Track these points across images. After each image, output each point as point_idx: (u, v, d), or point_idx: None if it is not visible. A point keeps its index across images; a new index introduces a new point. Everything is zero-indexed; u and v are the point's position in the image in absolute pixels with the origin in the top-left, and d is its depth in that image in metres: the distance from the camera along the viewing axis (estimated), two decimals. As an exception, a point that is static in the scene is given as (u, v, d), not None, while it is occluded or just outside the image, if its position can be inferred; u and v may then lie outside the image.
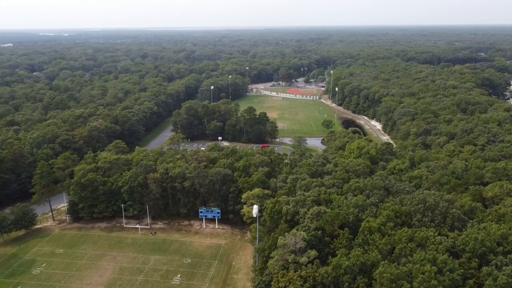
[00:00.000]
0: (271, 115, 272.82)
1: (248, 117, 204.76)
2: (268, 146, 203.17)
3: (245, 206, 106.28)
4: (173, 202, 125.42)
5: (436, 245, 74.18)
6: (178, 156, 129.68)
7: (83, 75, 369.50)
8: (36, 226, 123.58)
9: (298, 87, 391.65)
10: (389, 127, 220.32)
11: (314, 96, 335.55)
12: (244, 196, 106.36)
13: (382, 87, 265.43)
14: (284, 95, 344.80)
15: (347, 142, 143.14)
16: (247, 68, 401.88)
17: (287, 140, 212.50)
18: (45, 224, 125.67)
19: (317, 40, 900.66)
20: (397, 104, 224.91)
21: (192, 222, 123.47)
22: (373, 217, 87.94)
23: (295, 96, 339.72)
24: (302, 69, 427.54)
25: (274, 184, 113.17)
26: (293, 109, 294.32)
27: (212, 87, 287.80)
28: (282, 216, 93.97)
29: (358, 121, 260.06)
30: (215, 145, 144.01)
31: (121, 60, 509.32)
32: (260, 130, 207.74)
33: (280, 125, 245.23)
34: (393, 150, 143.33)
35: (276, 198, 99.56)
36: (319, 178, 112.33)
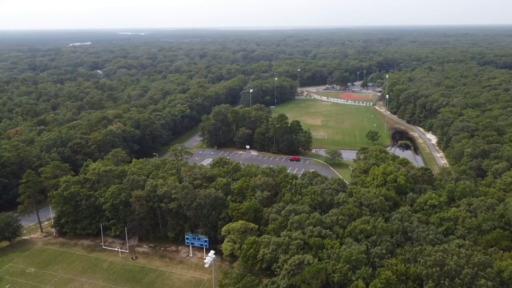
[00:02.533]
0: (314, 122, 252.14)
1: (279, 125, 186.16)
2: (299, 159, 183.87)
3: (225, 240, 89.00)
4: (163, 223, 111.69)
5: None
6: (172, 171, 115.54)
7: (135, 74, 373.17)
8: (23, 237, 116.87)
9: (353, 91, 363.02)
10: (443, 143, 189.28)
11: (368, 102, 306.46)
12: (224, 229, 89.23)
13: (443, 95, 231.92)
14: (335, 100, 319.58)
15: (374, 164, 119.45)
16: (299, 70, 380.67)
17: (323, 152, 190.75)
18: (32, 236, 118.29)
19: (386, 40, 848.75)
20: (456, 116, 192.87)
21: (179, 248, 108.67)
22: (368, 278, 66.48)
23: (347, 101, 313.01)
24: (358, 72, 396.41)
25: (268, 215, 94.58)
26: (341, 116, 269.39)
27: (251, 90, 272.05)
28: (258, 262, 75.55)
29: (411, 133, 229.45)
30: (220, 159, 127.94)
31: (178, 60, 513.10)
32: (291, 140, 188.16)
33: (320, 134, 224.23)
34: (433, 176, 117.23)
35: (254, 237, 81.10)
36: (321, 212, 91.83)
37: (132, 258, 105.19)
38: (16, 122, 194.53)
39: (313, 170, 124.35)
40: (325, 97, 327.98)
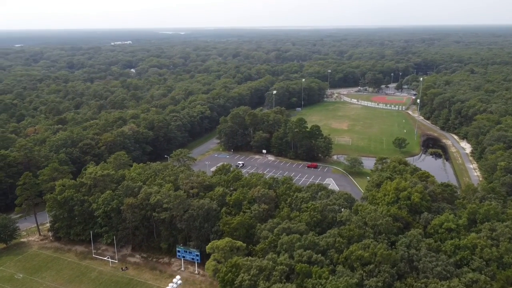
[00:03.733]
0: (340, 126, 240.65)
1: (297, 129, 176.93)
2: (317, 166, 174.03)
3: (210, 259, 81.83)
4: (158, 233, 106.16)
5: None
6: (170, 178, 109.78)
7: (164, 73, 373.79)
8: (22, 240, 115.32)
9: (386, 94, 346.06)
10: (477, 154, 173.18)
11: (401, 106, 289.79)
12: (208, 246, 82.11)
13: (481, 101, 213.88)
14: (365, 103, 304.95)
15: (388, 178, 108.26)
16: (329, 71, 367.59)
17: (345, 159, 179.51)
18: (30, 239, 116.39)
19: (429, 40, 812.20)
20: (493, 124, 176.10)
21: (172, 260, 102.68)
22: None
23: (378, 104, 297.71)
24: (392, 74, 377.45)
25: (261, 232, 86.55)
26: (369, 120, 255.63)
27: (275, 92, 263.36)
28: (236, 288, 67.95)
29: (444, 140, 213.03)
30: (222, 166, 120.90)
31: (210, 59, 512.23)
32: (310, 145, 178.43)
33: (344, 139, 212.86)
34: (455, 194, 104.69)
35: (235, 259, 73.39)
36: (320, 231, 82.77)
37: (122, 268, 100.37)
38: (37, 121, 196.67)
39: (318, 182, 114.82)
40: (355, 100, 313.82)
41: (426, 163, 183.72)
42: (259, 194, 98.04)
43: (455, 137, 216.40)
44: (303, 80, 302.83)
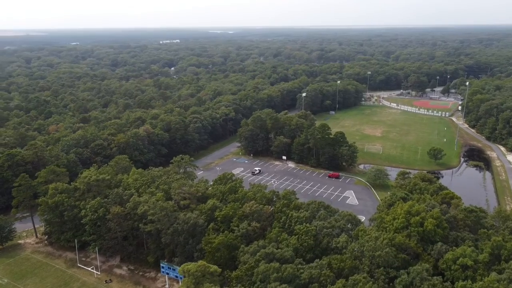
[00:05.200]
0: (373, 132, 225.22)
1: (319, 136, 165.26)
2: (339, 176, 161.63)
3: (181, 284, 73.80)
4: (147, 245, 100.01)
5: None
6: (164, 187, 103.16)
7: (199, 73, 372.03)
8: (19, 241, 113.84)
9: (430, 98, 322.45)
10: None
11: (445, 112, 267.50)
12: (179, 269, 74.14)
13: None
14: (405, 107, 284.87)
15: (402, 198, 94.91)
16: (369, 72, 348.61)
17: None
18: (27, 241, 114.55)
19: (487, 41, 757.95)
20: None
21: (158, 276, 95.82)
22: None
23: (419, 110, 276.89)
24: (438, 77, 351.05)
25: (242, 256, 77.42)
26: (406, 127, 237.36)
27: (304, 94, 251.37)
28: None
29: (488, 152, 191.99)
30: (223, 176, 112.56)
31: (250, 58, 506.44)
32: (333, 153, 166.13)
33: (375, 147, 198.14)
34: (482, 221, 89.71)
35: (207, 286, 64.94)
36: (311, 258, 72.34)
37: (106, 281, 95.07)
38: (63, 118, 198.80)
39: (336, 194, 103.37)
40: (395, 104, 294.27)
41: (464, 177, 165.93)
42: (251, 210, 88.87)
43: (502, 149, 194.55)
44: (338, 82, 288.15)
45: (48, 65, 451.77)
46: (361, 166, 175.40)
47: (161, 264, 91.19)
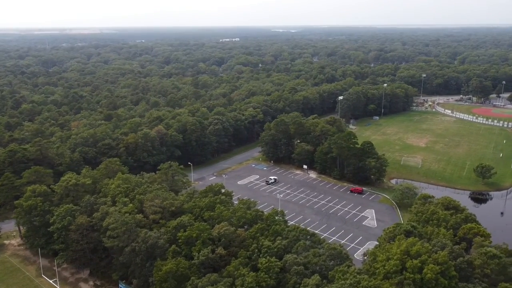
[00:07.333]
0: (417, 142, 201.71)
1: (344, 145, 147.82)
2: (362, 191, 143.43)
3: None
4: (113, 261, 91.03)
5: None
6: (140, 197, 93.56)
7: (243, 71, 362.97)
8: (5, 241, 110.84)
9: (494, 105, 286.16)
10: None
11: (508, 123, 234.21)
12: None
13: None
14: (461, 115, 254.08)
15: (406, 232, 76.72)
16: (424, 75, 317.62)
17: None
18: (11, 242, 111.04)
19: None
20: None
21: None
22: None
23: (477, 118, 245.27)
24: (504, 82, 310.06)
25: (191, 289, 65.21)
26: (458, 137, 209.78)
27: (341, 97, 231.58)
28: None
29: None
30: (210, 188, 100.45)
31: (301, 58, 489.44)
32: (358, 165, 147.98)
33: (414, 159, 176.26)
34: (509, 269, 69.56)
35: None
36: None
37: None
38: (89, 114, 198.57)
39: (354, 212, 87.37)
40: (449, 111, 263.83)
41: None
42: (219, 233, 76.28)
43: None
44: (385, 85, 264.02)
45: (104, 62, 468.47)
46: (393, 181, 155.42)
47: (120, 285, 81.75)
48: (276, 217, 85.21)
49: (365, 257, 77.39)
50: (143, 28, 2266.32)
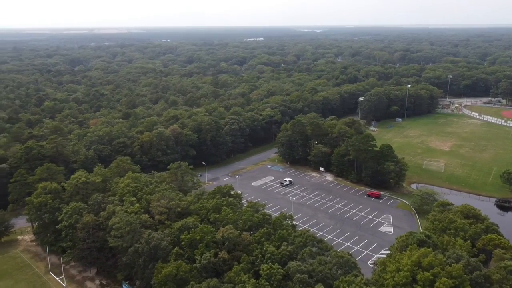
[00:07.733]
0: (440, 146, 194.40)
1: (362, 147, 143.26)
2: (379, 195, 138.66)
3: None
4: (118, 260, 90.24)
5: None
6: (147, 197, 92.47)
7: (264, 71, 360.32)
8: (18, 237, 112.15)
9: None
10: None
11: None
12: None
13: None
14: (489, 118, 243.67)
15: (421, 241, 72.45)
16: (450, 76, 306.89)
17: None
18: (24, 237, 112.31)
19: None
20: None
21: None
22: None
23: (506, 121, 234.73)
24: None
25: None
26: (485, 141, 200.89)
27: (361, 98, 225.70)
28: None
29: None
30: (218, 189, 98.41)
31: (324, 58, 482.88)
32: (376, 168, 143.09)
33: (437, 164, 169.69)
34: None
35: None
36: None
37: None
38: (108, 112, 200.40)
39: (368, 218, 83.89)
40: (477, 114, 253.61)
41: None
42: (223, 237, 74.14)
43: None
44: (409, 86, 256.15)
45: (128, 60, 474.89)
46: (413, 186, 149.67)
47: (123, 285, 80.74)
48: (284, 222, 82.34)
49: (375, 267, 73.61)
50: (172, 28, 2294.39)
